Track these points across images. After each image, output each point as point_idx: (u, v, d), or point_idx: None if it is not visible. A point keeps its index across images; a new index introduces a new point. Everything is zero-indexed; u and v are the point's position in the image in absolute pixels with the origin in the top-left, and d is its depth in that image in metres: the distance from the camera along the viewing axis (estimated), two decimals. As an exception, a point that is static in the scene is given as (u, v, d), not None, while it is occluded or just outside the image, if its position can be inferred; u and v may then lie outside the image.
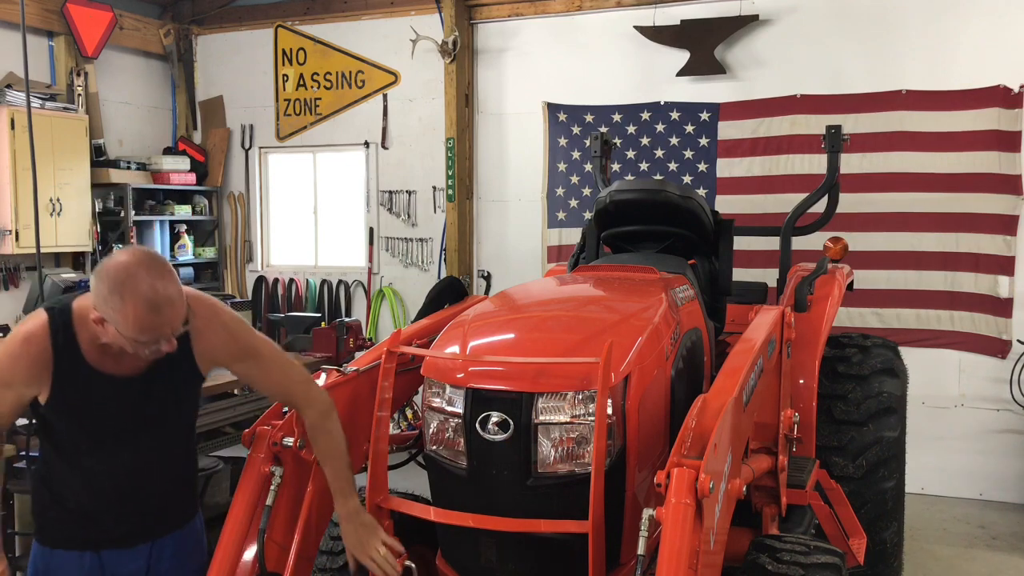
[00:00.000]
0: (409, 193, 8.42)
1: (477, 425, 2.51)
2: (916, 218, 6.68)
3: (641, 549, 2.12)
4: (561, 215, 7.76)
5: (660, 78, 7.34)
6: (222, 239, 9.22)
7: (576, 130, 7.63)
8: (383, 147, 8.49)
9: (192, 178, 8.84)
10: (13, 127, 7.02)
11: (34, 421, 2.57)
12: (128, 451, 2.51)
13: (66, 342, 2.39)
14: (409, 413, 7.75)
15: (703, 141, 7.26)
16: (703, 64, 7.15)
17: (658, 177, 7.21)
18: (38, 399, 2.44)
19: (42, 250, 5.59)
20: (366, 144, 8.55)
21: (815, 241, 4.88)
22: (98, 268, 2.30)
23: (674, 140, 7.35)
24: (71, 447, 2.49)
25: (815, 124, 6.73)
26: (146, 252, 2.33)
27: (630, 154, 7.47)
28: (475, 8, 7.94)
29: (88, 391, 2.42)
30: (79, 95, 7.93)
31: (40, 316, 2.42)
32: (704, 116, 7.24)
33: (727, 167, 7.20)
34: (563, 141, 7.70)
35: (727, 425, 2.30)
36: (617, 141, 7.30)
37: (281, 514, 2.75)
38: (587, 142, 6.66)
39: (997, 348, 6.57)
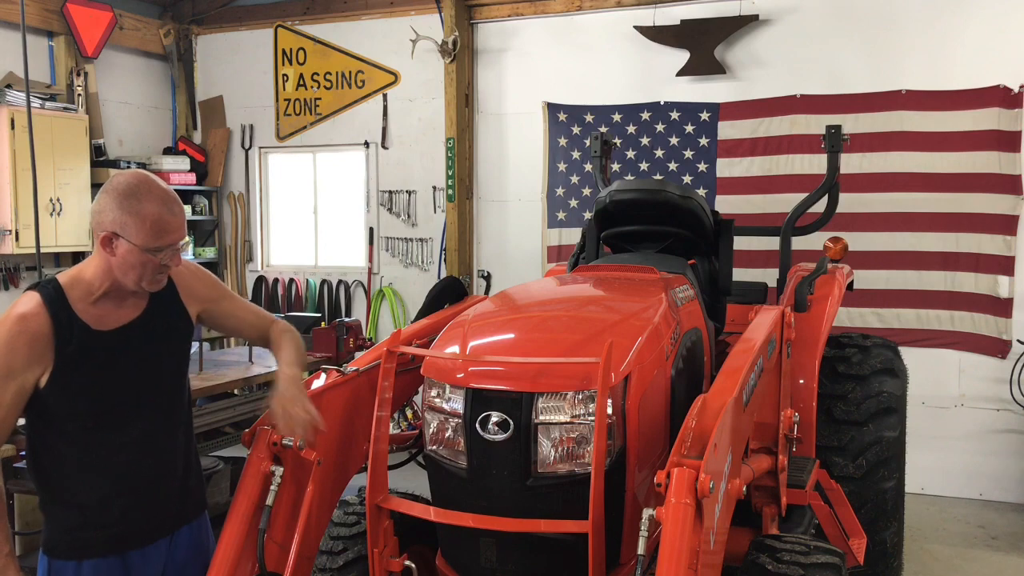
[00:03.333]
0: (409, 193, 8.42)
1: (477, 425, 2.51)
2: (916, 218, 6.68)
3: (641, 549, 2.12)
4: (561, 215, 7.76)
5: (660, 78, 7.34)
6: (222, 239, 9.22)
7: (576, 130, 7.63)
8: (383, 147, 8.49)
9: (192, 178, 8.84)
10: (13, 127, 7.02)
11: (28, 429, 2.54)
12: (134, 422, 2.52)
13: (62, 308, 2.41)
14: (409, 413, 7.75)
15: (703, 141, 7.26)
16: (703, 64, 7.15)
17: (658, 177, 7.21)
18: (38, 387, 2.40)
19: (42, 250, 5.60)
20: (366, 144, 8.55)
21: (815, 241, 4.88)
22: (105, 186, 2.42)
23: (674, 140, 7.35)
24: (78, 427, 2.46)
25: (815, 124, 6.73)
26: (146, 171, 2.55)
27: (630, 154, 7.47)
28: (475, 8, 7.94)
29: (91, 354, 2.44)
30: (79, 95, 7.93)
31: (29, 295, 2.44)
32: (704, 116, 7.24)
33: (727, 167, 7.20)
34: (563, 141, 7.70)
35: (727, 425, 2.30)
36: (617, 141, 7.30)
37: (281, 514, 2.75)
38: (587, 142, 6.67)
39: (997, 348, 6.57)
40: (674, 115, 7.33)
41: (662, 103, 7.37)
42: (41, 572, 2.53)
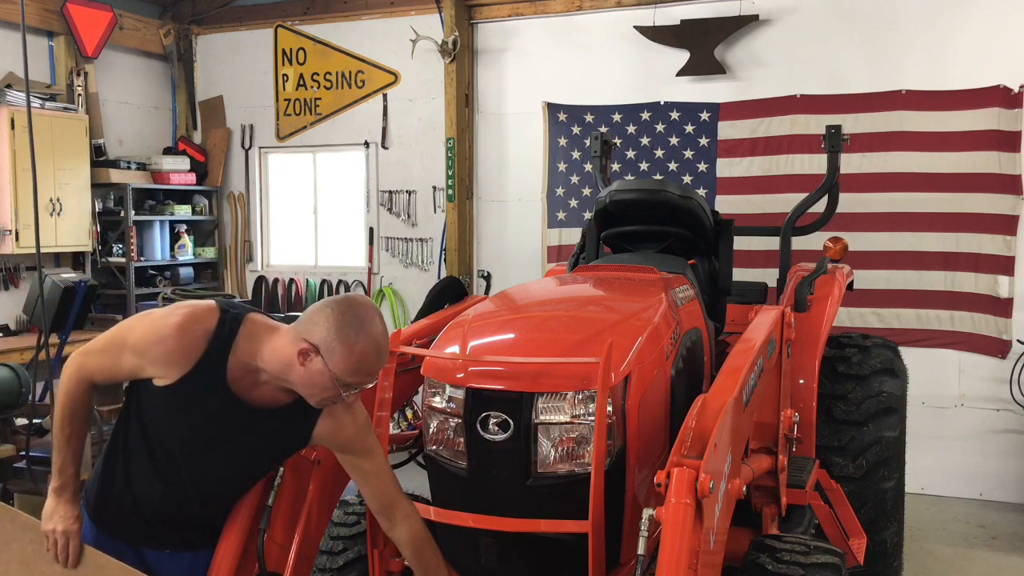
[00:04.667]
0: (409, 193, 8.42)
1: (477, 425, 2.51)
2: (916, 218, 6.68)
3: (641, 549, 2.12)
4: (561, 215, 7.76)
5: (660, 78, 7.34)
6: (222, 239, 9.23)
7: (576, 130, 7.63)
8: (383, 147, 8.49)
9: (192, 178, 8.84)
10: (13, 127, 7.02)
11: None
12: (210, 472, 2.50)
13: (220, 349, 2.37)
14: (409, 413, 7.75)
15: (703, 141, 7.26)
16: (703, 64, 7.15)
17: (658, 177, 7.21)
18: (151, 381, 2.40)
19: (42, 250, 5.59)
20: (366, 144, 8.55)
21: (815, 241, 4.88)
22: (332, 299, 2.35)
23: (674, 140, 7.35)
24: (158, 443, 2.48)
25: (815, 124, 6.73)
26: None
27: (630, 154, 7.47)
28: (475, 8, 7.94)
29: (209, 403, 2.40)
30: (79, 95, 7.93)
31: (210, 313, 2.39)
32: (704, 116, 7.24)
33: (727, 167, 7.19)
34: (563, 141, 7.70)
35: (727, 425, 2.30)
36: (617, 141, 7.29)
37: (281, 514, 2.75)
38: (587, 142, 6.67)
39: (997, 348, 6.56)
40: (674, 115, 7.33)
41: (662, 103, 7.37)
42: (84, 519, 2.60)
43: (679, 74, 7.24)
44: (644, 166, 7.44)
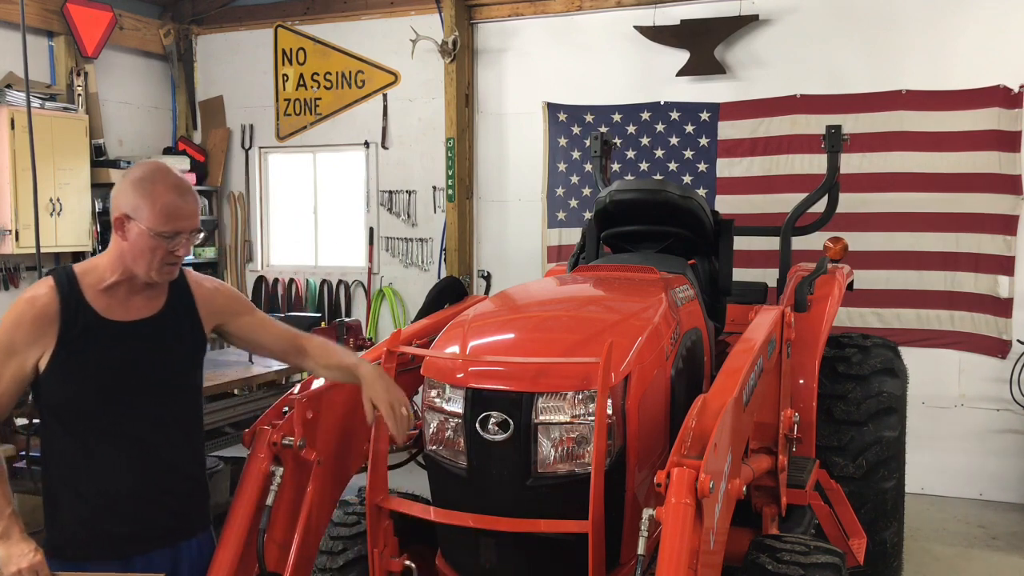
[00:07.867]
0: (409, 193, 8.42)
1: (477, 425, 2.51)
2: (916, 218, 6.68)
3: (641, 549, 2.12)
4: (561, 215, 7.76)
5: (660, 78, 7.34)
6: (222, 239, 9.23)
7: (576, 130, 7.63)
8: (383, 147, 8.49)
9: (192, 178, 8.83)
10: (13, 127, 7.02)
11: (35, 421, 2.55)
12: (135, 421, 2.48)
13: (71, 293, 2.44)
14: (409, 413, 7.74)
15: (703, 141, 7.26)
16: (703, 64, 7.15)
17: (658, 177, 7.21)
18: (39, 371, 2.40)
19: (42, 250, 5.60)
20: (366, 144, 8.55)
21: (815, 241, 4.88)
22: (124, 172, 2.55)
23: (674, 140, 7.35)
24: (82, 420, 2.45)
25: (815, 124, 6.73)
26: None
27: (630, 154, 7.47)
28: (475, 8, 7.94)
29: (96, 340, 2.43)
30: (79, 95, 7.93)
31: (44, 279, 2.49)
32: (704, 116, 7.24)
33: (727, 167, 7.20)
34: (563, 141, 7.70)
35: (727, 425, 2.30)
36: (617, 141, 7.29)
37: (281, 514, 2.75)
38: (587, 142, 6.66)
39: (997, 348, 6.57)
40: (674, 115, 7.33)
41: (662, 103, 7.37)
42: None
43: (679, 74, 7.24)
44: (644, 166, 7.44)
